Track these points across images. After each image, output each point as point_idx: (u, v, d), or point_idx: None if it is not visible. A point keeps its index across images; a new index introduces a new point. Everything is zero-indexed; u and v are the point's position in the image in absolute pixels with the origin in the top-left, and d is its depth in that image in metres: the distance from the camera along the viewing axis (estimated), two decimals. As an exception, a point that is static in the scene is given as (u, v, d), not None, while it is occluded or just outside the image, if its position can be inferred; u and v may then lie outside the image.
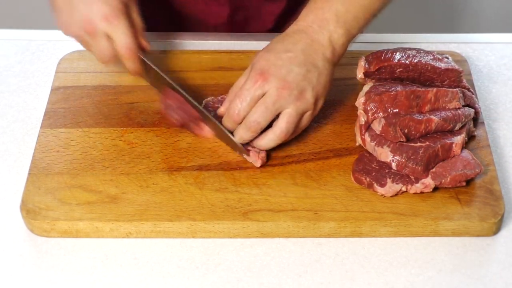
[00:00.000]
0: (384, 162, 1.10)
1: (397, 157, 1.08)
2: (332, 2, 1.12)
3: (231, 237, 1.06)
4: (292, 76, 1.09)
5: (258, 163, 1.11)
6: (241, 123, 1.11)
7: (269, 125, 1.11)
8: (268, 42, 1.15)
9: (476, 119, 1.18)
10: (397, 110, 1.11)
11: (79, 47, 1.30)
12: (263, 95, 1.09)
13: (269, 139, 1.11)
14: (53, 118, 1.18)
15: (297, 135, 1.14)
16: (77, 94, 1.22)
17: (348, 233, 1.06)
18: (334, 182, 1.10)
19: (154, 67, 1.17)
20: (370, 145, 1.11)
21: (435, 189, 1.08)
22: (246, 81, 1.11)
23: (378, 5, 1.15)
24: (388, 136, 1.10)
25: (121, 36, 1.12)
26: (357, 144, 1.14)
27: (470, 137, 1.15)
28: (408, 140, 1.10)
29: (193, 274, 1.02)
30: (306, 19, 1.13)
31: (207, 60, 1.29)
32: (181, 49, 1.32)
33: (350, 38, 1.14)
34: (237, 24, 1.41)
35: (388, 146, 1.09)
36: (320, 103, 1.12)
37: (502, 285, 1.02)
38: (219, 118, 1.14)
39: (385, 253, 1.05)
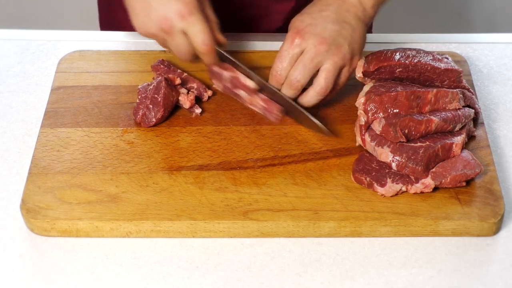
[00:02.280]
0: (384, 162, 1.10)
1: (397, 158, 1.08)
2: None
3: (231, 237, 1.06)
4: (327, 33, 1.13)
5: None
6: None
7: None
8: (272, 43, 1.15)
9: (476, 119, 1.18)
10: (397, 111, 1.11)
11: (79, 47, 1.31)
12: (301, 53, 1.14)
13: (311, 96, 1.15)
14: (53, 118, 1.18)
15: (298, 136, 1.14)
16: (77, 94, 1.22)
17: (348, 233, 1.06)
18: (334, 182, 1.10)
19: (231, 58, 1.18)
20: (370, 145, 1.11)
21: (435, 189, 1.08)
22: (284, 42, 1.15)
23: None
24: (388, 136, 1.10)
25: (197, 33, 1.13)
26: (357, 144, 1.14)
27: (470, 137, 1.15)
28: (408, 140, 1.10)
29: (193, 273, 1.02)
30: None
31: (207, 60, 1.29)
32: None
33: (378, 2, 1.19)
34: (244, 22, 1.40)
35: (388, 146, 1.09)
36: (356, 60, 1.17)
37: (502, 285, 1.02)
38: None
39: (385, 253, 1.05)
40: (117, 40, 1.21)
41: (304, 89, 1.16)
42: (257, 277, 1.02)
